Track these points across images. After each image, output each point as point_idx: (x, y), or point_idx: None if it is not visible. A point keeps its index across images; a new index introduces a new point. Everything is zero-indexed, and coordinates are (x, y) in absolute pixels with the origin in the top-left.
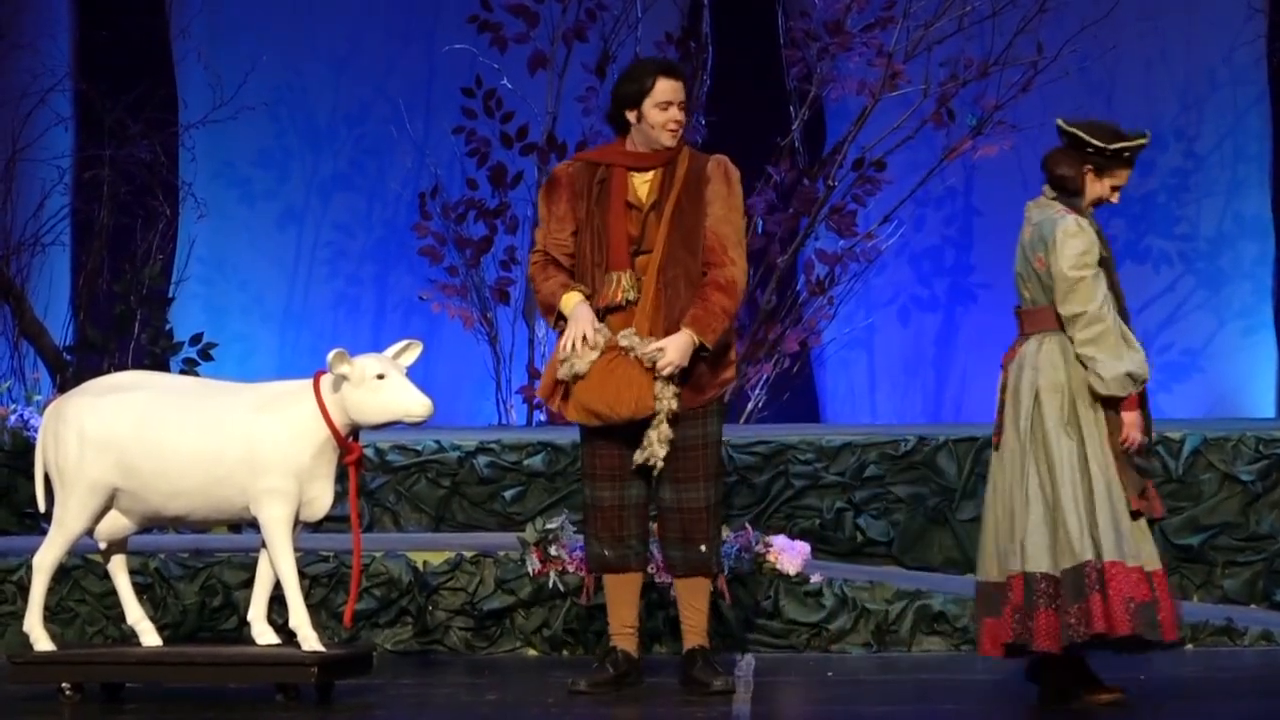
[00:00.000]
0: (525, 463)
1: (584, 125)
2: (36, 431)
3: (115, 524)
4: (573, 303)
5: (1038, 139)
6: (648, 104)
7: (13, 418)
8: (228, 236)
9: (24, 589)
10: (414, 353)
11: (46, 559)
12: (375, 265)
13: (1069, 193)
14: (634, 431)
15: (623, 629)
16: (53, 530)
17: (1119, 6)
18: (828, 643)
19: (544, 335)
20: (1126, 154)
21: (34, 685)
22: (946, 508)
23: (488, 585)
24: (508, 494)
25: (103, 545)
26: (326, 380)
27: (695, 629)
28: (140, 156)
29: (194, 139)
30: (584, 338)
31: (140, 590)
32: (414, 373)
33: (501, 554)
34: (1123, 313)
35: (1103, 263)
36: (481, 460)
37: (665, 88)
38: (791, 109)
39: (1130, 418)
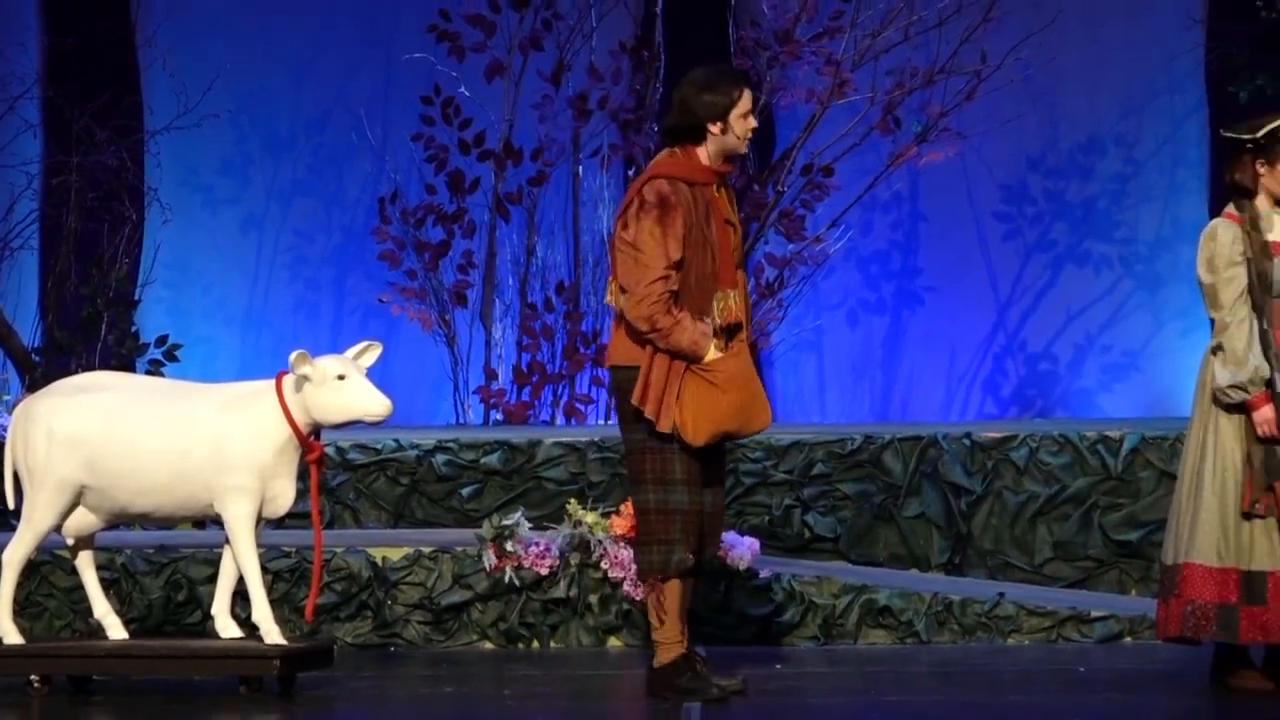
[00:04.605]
0: (482, 461)
1: (540, 132)
2: (6, 431)
3: (83, 521)
4: (715, 355)
5: (981, 146)
6: (734, 115)
7: None
8: (192, 241)
9: None
10: (374, 354)
11: (15, 555)
12: (334, 269)
13: (1245, 195)
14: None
15: (681, 634)
16: (21, 527)
17: (1061, 16)
18: (777, 636)
19: (500, 337)
20: None
21: (3, 677)
22: (892, 504)
23: (445, 580)
24: (465, 491)
25: (70, 541)
26: (288, 381)
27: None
28: (107, 162)
29: (159, 145)
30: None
31: (107, 585)
32: (373, 373)
33: (459, 550)
34: (1256, 307)
35: (1248, 260)
36: (439, 459)
37: (748, 97)
38: None
39: (1259, 415)
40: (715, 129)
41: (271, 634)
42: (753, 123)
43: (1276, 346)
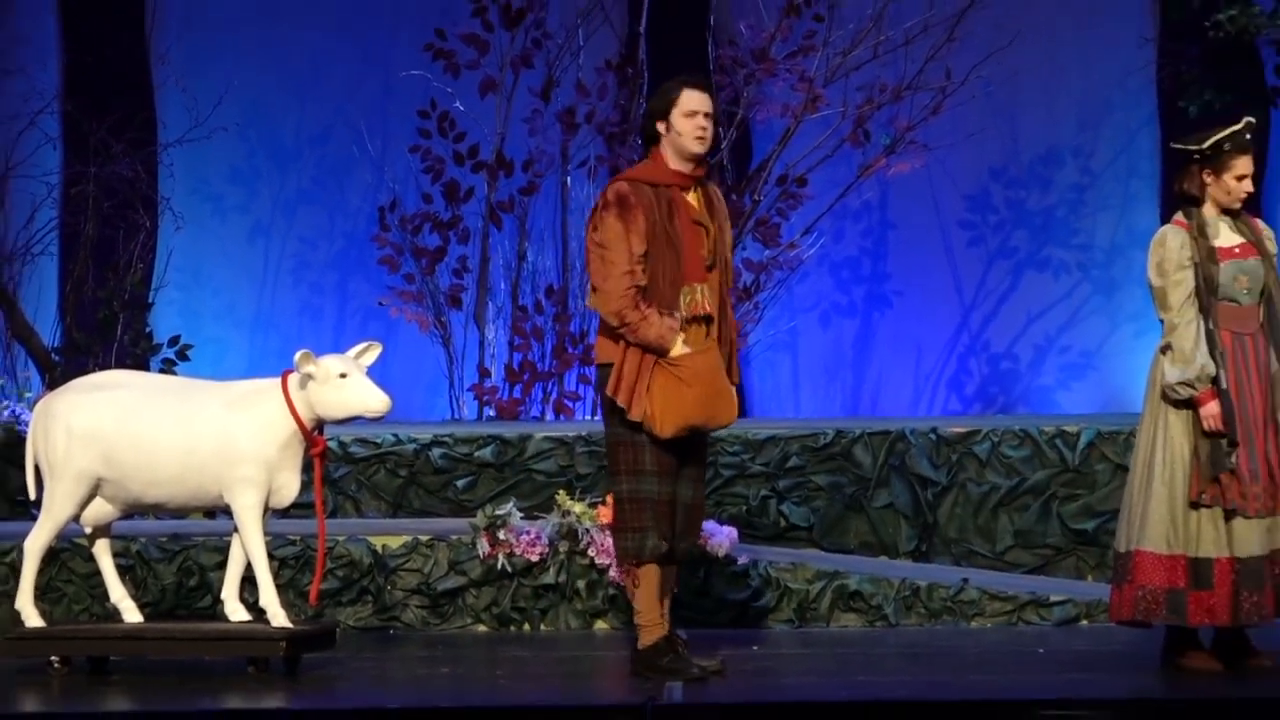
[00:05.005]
0: (476, 454)
1: (530, 145)
2: (27, 426)
3: (100, 510)
4: (682, 350)
5: (946, 158)
6: (675, 113)
7: (5, 413)
8: (202, 247)
9: (15, 570)
10: (374, 353)
11: (36, 543)
12: (337, 274)
13: (1193, 203)
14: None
15: (662, 617)
16: (42, 516)
17: (1021, 36)
18: (754, 619)
19: (493, 337)
20: (1228, 145)
21: (25, 659)
22: (862, 495)
23: (441, 567)
24: (460, 483)
25: (88, 530)
26: (294, 379)
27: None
28: (122, 173)
29: (172, 157)
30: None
31: (123, 571)
32: (373, 372)
33: (454, 538)
34: (1203, 309)
35: (1196, 265)
36: (436, 452)
37: (690, 97)
38: (720, 130)
39: (1205, 410)
40: (661, 128)
41: (278, 617)
42: (700, 122)
43: (1222, 346)
